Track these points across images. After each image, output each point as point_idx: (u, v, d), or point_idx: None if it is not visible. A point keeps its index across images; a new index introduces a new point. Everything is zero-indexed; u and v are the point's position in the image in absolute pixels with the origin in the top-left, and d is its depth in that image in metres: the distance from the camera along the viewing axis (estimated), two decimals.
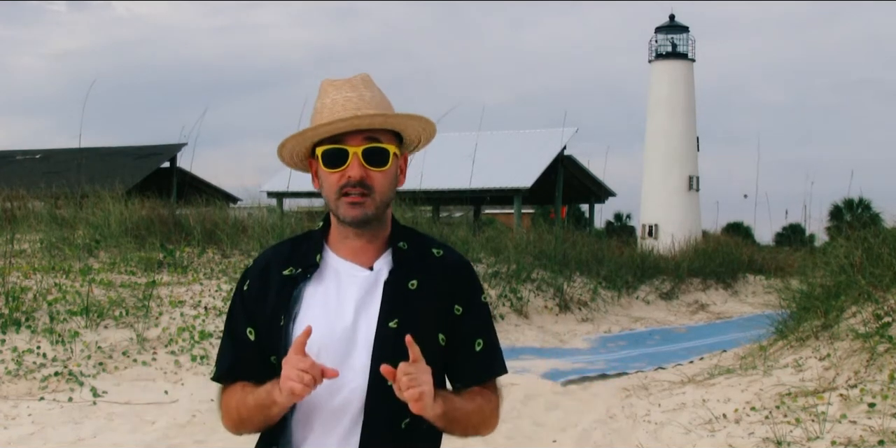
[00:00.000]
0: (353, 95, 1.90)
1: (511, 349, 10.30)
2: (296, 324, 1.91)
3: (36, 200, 15.84)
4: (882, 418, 5.37)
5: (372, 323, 1.91)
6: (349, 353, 1.90)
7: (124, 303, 8.99)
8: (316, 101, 1.95)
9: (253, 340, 1.96)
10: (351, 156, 1.88)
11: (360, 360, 1.90)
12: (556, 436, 6.61)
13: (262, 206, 17.47)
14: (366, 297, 1.93)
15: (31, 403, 6.78)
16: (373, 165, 1.89)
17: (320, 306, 1.92)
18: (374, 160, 1.90)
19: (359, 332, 1.91)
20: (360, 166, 1.88)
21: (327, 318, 1.91)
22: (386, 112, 1.91)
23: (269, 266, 1.99)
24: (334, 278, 1.96)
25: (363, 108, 1.89)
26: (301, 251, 2.00)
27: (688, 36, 35.17)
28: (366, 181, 1.88)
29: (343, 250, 1.97)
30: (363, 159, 1.89)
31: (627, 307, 15.16)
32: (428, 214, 23.48)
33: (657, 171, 34.19)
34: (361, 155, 1.88)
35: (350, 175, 1.88)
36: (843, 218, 29.80)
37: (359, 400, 1.89)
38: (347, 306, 1.92)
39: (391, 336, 1.89)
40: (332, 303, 1.93)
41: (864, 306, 7.34)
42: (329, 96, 1.92)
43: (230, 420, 1.97)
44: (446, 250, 2.06)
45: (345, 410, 1.90)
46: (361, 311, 1.92)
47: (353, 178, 1.88)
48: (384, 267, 1.97)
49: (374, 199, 1.90)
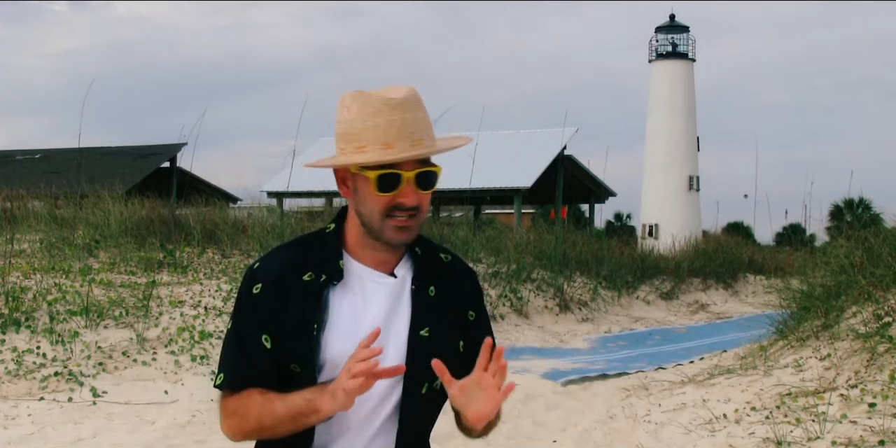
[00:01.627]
0: (409, 117, 1.84)
1: (511, 349, 10.30)
2: (326, 332, 1.87)
3: (36, 200, 15.83)
4: (882, 418, 5.37)
5: (402, 331, 1.90)
6: (380, 361, 1.85)
7: (124, 303, 8.98)
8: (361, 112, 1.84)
9: (269, 348, 1.89)
10: (404, 181, 1.84)
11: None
12: (556, 436, 6.61)
13: (262, 206, 17.49)
14: (394, 305, 1.92)
15: (31, 403, 6.78)
16: (423, 189, 1.87)
17: (348, 314, 1.89)
18: (425, 184, 1.87)
19: (389, 341, 1.89)
20: (414, 192, 1.85)
21: (357, 326, 1.88)
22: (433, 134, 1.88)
23: (284, 269, 1.92)
24: (359, 285, 1.92)
25: (417, 131, 1.83)
26: (316, 255, 1.94)
27: (688, 36, 35.20)
28: (417, 203, 1.87)
29: (364, 257, 1.94)
30: (416, 184, 1.86)
31: (627, 307, 15.16)
32: (428, 214, 23.46)
33: (657, 171, 34.20)
34: (415, 180, 1.85)
35: (404, 202, 1.84)
36: (843, 218, 29.81)
37: (390, 409, 1.89)
38: (376, 314, 1.90)
39: (422, 344, 1.90)
40: (360, 310, 1.90)
41: (865, 306, 7.34)
42: (383, 116, 1.82)
43: (242, 428, 1.89)
44: (452, 256, 2.07)
45: (374, 417, 1.90)
46: (391, 319, 1.91)
47: (407, 204, 1.85)
48: (406, 273, 1.96)
49: (418, 219, 1.89)
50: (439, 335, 1.87)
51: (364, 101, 1.84)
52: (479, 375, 1.76)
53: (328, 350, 1.87)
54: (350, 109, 1.85)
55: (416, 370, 1.87)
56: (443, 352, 1.88)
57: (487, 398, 1.76)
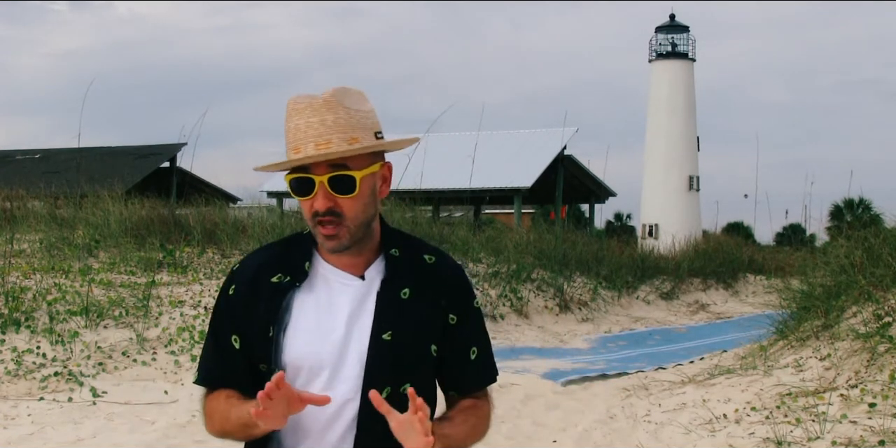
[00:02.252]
0: (315, 121, 1.82)
1: (511, 349, 10.30)
2: (286, 334, 1.88)
3: (35, 200, 15.83)
4: (882, 418, 5.37)
5: (364, 334, 1.88)
6: (341, 364, 1.87)
7: (124, 303, 8.98)
8: (285, 120, 1.87)
9: (238, 349, 1.92)
10: (317, 185, 1.82)
11: (353, 371, 1.87)
12: (556, 436, 6.60)
13: (262, 206, 17.50)
14: (358, 308, 1.90)
15: (31, 403, 6.78)
16: (340, 193, 1.83)
17: (311, 316, 1.89)
18: (341, 188, 1.83)
19: (351, 344, 1.87)
20: (325, 196, 1.83)
21: (319, 328, 1.88)
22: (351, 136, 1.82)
23: (258, 272, 1.94)
24: (325, 287, 1.92)
25: (324, 134, 1.81)
26: (290, 257, 1.95)
27: (688, 36, 35.20)
28: (335, 209, 1.83)
29: (333, 258, 1.93)
30: (329, 188, 1.83)
31: (627, 307, 15.15)
32: (428, 214, 23.47)
33: (657, 171, 34.20)
34: (328, 183, 1.83)
35: (316, 207, 1.83)
36: (843, 218, 29.82)
37: (350, 412, 1.87)
38: (339, 317, 1.89)
39: (384, 348, 1.87)
40: (324, 313, 1.89)
41: (865, 306, 7.34)
42: (293, 121, 1.84)
43: (213, 428, 1.94)
44: (438, 256, 2.02)
45: (335, 422, 1.88)
46: (354, 322, 1.89)
47: (319, 210, 1.83)
48: (376, 275, 1.93)
49: (346, 226, 1.84)
50: (404, 339, 1.84)
51: (288, 107, 1.87)
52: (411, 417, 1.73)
53: (288, 351, 1.87)
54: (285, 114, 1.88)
55: (376, 374, 1.85)
56: (407, 356, 1.88)
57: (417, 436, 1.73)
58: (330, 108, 1.83)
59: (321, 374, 1.87)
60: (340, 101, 1.84)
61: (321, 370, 1.86)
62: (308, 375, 1.87)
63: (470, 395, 2.01)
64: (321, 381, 1.87)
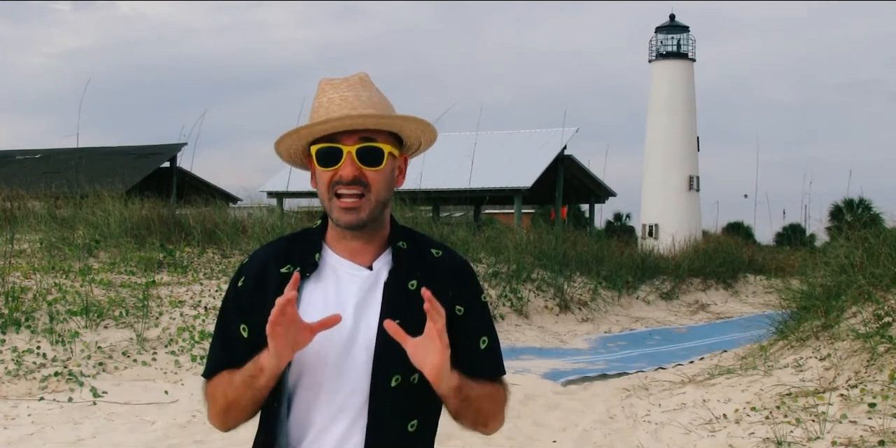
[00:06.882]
0: (350, 94, 1.89)
1: (511, 349, 10.30)
2: None
3: (36, 200, 15.82)
4: (882, 418, 5.37)
5: (372, 324, 1.89)
6: (349, 353, 1.88)
7: (124, 303, 8.98)
8: (314, 100, 1.94)
9: (246, 337, 1.93)
10: (345, 155, 1.87)
11: (361, 360, 1.88)
12: (556, 436, 6.60)
13: (262, 206, 17.49)
14: (365, 298, 1.91)
15: (31, 403, 6.78)
16: (367, 165, 1.88)
17: (319, 306, 1.89)
18: (369, 159, 1.88)
19: (359, 333, 1.89)
20: (353, 165, 1.86)
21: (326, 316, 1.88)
22: (381, 112, 1.89)
23: (267, 263, 1.97)
24: (333, 278, 1.93)
25: (359, 107, 1.87)
26: (299, 249, 1.97)
27: (688, 36, 35.18)
28: (361, 178, 1.87)
29: (342, 249, 1.95)
30: (357, 158, 1.87)
31: (627, 307, 15.15)
32: (428, 214, 23.46)
33: (657, 171, 34.18)
34: (356, 154, 1.87)
35: (342, 174, 1.86)
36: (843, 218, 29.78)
37: (359, 401, 1.87)
38: (347, 306, 1.90)
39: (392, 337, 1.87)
40: (332, 303, 1.90)
41: (865, 306, 7.34)
42: (326, 95, 1.91)
43: (217, 410, 1.94)
44: (445, 251, 2.04)
45: (344, 411, 1.88)
46: (361, 312, 1.90)
47: (344, 177, 1.86)
48: (384, 266, 1.95)
49: (369, 199, 1.88)
50: (411, 329, 1.82)
51: (320, 84, 1.95)
52: (428, 327, 1.75)
53: None
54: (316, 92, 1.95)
55: (385, 362, 1.85)
56: None
57: (433, 347, 1.74)
58: (365, 86, 1.92)
59: (328, 363, 1.87)
60: (372, 83, 1.95)
61: (329, 359, 1.86)
62: (315, 364, 1.87)
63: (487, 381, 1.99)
64: (329, 370, 1.87)
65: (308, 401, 1.87)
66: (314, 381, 1.87)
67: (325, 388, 1.86)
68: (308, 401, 1.87)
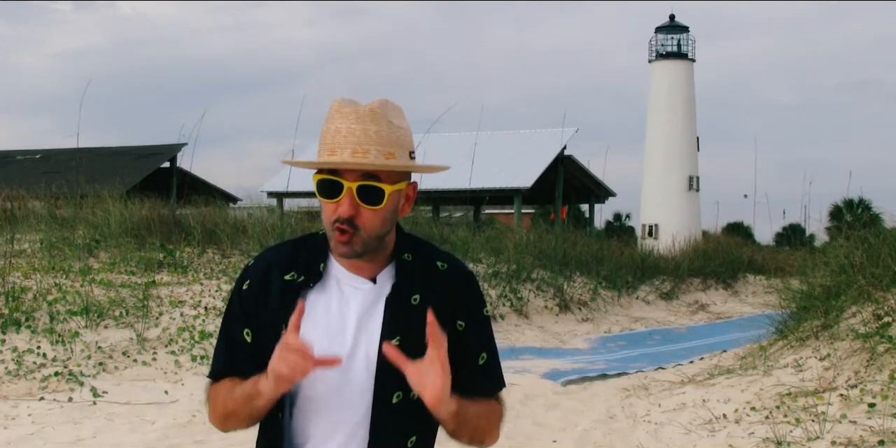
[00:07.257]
0: (358, 128, 1.82)
1: (511, 349, 10.30)
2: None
3: (36, 200, 15.82)
4: (882, 418, 5.37)
5: (373, 339, 1.88)
6: (349, 368, 1.87)
7: (124, 303, 8.99)
8: (325, 120, 1.88)
9: (249, 342, 1.93)
10: (345, 190, 1.83)
11: (361, 377, 1.87)
12: (556, 436, 6.60)
13: (262, 206, 17.49)
14: (367, 312, 1.90)
15: (31, 403, 6.78)
16: (366, 203, 1.84)
17: (322, 318, 1.89)
18: (368, 198, 1.84)
19: (359, 349, 1.88)
20: (351, 204, 1.83)
21: (328, 331, 1.88)
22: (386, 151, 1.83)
23: (271, 268, 1.96)
24: (336, 289, 1.92)
25: (364, 143, 1.81)
26: (303, 256, 1.96)
27: (688, 36, 35.19)
28: (354, 220, 1.84)
29: (345, 261, 1.94)
30: (357, 196, 1.84)
31: (627, 307, 15.16)
32: (428, 214, 23.47)
33: (657, 171, 34.18)
34: (356, 191, 1.85)
35: (339, 213, 1.84)
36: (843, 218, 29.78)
37: (358, 416, 1.87)
38: (349, 320, 1.89)
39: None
40: (334, 315, 1.90)
41: (865, 306, 7.34)
42: (334, 123, 1.85)
43: (216, 415, 1.95)
44: (450, 263, 2.02)
45: (343, 426, 1.88)
46: (362, 326, 1.89)
47: (341, 216, 1.84)
48: (387, 280, 1.93)
49: (360, 236, 1.85)
50: (412, 345, 1.82)
51: (332, 108, 1.88)
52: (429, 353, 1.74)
53: None
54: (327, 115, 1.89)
55: (386, 379, 1.85)
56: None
57: (434, 373, 1.73)
58: (374, 119, 1.83)
59: (329, 379, 1.86)
60: (385, 114, 1.84)
61: (329, 374, 1.86)
62: (316, 379, 1.86)
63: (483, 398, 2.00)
64: (329, 385, 1.87)
65: (308, 413, 1.87)
66: (314, 394, 1.87)
67: (326, 403, 1.86)
68: (308, 413, 1.87)
